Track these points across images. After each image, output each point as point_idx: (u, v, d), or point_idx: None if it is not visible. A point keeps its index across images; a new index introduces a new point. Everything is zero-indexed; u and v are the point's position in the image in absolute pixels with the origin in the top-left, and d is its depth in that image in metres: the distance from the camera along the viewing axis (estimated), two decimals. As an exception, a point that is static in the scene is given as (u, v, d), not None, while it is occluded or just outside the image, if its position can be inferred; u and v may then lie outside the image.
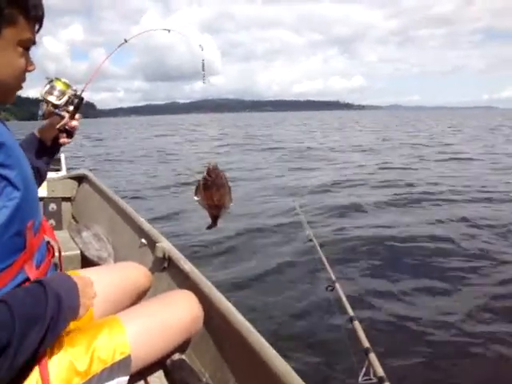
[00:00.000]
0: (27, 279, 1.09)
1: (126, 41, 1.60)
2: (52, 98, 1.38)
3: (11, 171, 1.03)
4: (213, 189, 1.29)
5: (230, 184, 1.32)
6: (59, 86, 1.39)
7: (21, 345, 0.93)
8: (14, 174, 1.04)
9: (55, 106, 1.38)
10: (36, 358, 1.07)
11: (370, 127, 42.51)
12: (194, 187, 1.32)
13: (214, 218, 1.35)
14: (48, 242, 1.32)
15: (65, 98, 1.39)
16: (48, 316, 0.98)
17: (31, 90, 1.58)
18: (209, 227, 1.37)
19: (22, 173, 1.08)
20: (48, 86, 1.39)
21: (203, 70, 1.53)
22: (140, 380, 1.43)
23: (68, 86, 1.42)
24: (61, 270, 1.40)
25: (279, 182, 10.26)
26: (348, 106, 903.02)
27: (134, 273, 1.78)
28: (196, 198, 1.32)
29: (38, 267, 1.16)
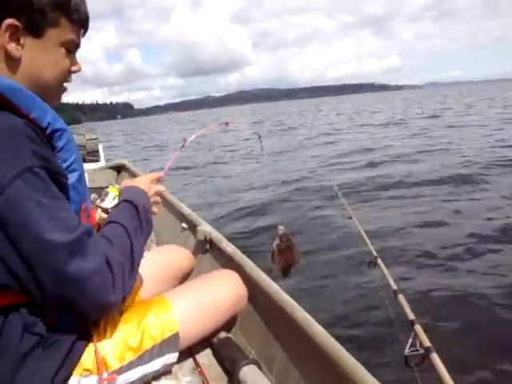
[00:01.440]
0: None
1: (185, 140, 1.68)
2: (104, 204, 1.41)
3: (71, 155, 1.12)
4: (287, 252, 1.50)
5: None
6: (112, 192, 1.43)
7: (138, 250, 1.15)
8: (74, 157, 1.13)
9: (106, 211, 1.40)
10: (92, 334, 1.14)
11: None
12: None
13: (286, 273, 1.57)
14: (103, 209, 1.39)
15: (116, 200, 1.41)
16: (143, 223, 1.22)
17: (71, 95, 1.58)
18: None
19: (78, 156, 1.16)
20: (100, 198, 1.43)
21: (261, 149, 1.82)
22: (188, 357, 1.47)
23: (119, 189, 1.44)
24: None
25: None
26: (384, 88, 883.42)
27: (177, 255, 1.83)
28: (272, 262, 1.53)
29: None
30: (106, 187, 1.44)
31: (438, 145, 11.41)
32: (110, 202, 1.40)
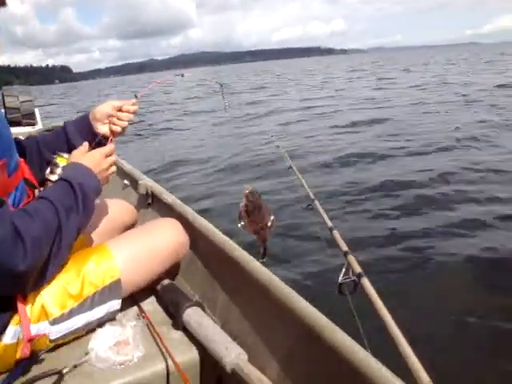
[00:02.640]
0: None
1: (136, 96, 1.53)
2: (53, 177, 1.33)
3: None
4: (255, 213, 1.30)
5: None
6: (62, 162, 1.35)
7: (67, 230, 1.12)
8: None
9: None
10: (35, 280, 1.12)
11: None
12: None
13: (264, 241, 1.34)
14: (28, 184, 1.33)
15: None
16: (80, 204, 1.17)
17: (1, 56, 1.48)
18: (263, 255, 1.34)
19: None
20: (49, 169, 1.35)
21: (224, 100, 1.65)
22: (133, 305, 1.48)
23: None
24: None
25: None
26: (330, 51, 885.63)
27: (119, 208, 1.82)
28: (240, 224, 1.32)
29: (15, 207, 1.18)
30: (54, 156, 1.37)
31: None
32: (59, 173, 1.33)
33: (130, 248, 1.41)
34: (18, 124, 4.77)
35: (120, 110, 1.46)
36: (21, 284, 1.08)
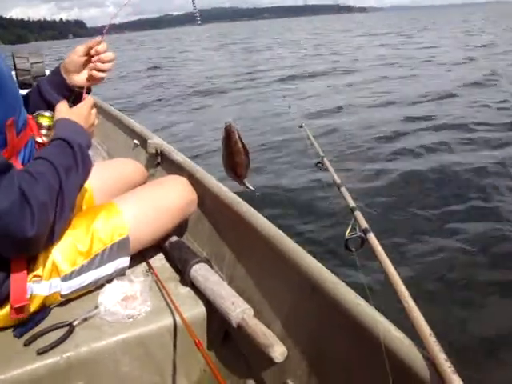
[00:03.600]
0: None
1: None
2: (40, 139, 1.28)
3: None
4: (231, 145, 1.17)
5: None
6: (45, 122, 1.29)
7: (68, 190, 1.12)
8: None
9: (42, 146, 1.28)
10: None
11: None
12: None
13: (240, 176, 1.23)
14: (38, 142, 1.32)
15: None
16: (79, 163, 1.16)
17: (13, 9, 1.37)
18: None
19: None
20: None
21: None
22: (141, 262, 1.50)
23: (53, 118, 1.30)
24: None
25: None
26: (349, 9, 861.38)
27: (129, 168, 1.81)
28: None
29: (24, 165, 1.18)
30: (35, 116, 1.30)
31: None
32: (45, 134, 1.29)
33: (138, 205, 1.41)
34: (28, 86, 4.75)
35: (88, 54, 1.33)
36: (30, 248, 1.09)
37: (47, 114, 1.31)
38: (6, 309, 1.13)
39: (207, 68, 14.27)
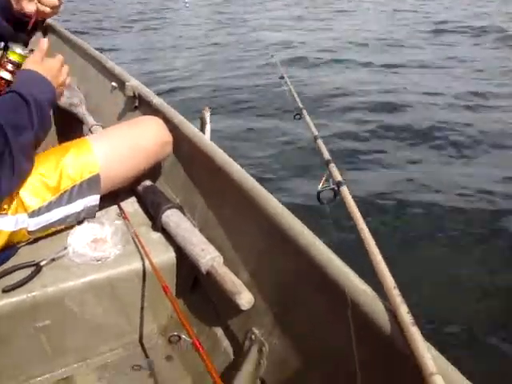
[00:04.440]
0: None
1: None
2: (6, 75, 1.19)
3: None
4: None
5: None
6: (14, 58, 1.20)
7: (18, 147, 1.05)
8: None
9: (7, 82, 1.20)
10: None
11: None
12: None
13: None
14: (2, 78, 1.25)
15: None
16: (35, 121, 1.09)
17: None
18: None
19: None
20: None
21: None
22: (113, 205, 1.48)
23: (24, 57, 1.21)
24: None
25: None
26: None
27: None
28: None
29: None
30: (3, 45, 1.23)
31: None
32: (11, 70, 1.21)
33: (111, 143, 1.37)
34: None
35: None
36: None
37: (18, 50, 1.23)
38: None
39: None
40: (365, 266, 0.83)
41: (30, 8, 1.29)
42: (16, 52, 1.22)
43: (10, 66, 1.21)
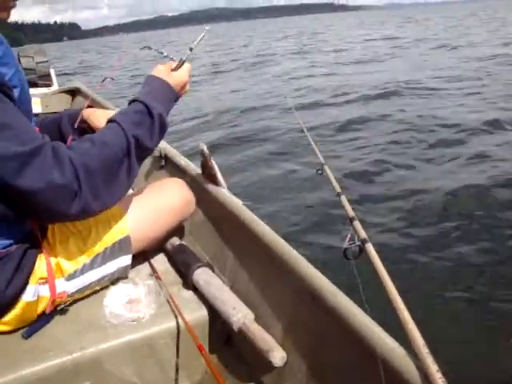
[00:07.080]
0: None
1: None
2: None
3: (9, 69, 1.08)
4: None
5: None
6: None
7: (136, 154, 1.16)
8: (12, 72, 1.09)
9: None
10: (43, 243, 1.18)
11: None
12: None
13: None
14: None
15: None
16: (154, 133, 1.21)
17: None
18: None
19: (18, 73, 1.13)
20: None
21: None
22: (145, 265, 1.53)
23: None
24: None
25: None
26: (343, 8, 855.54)
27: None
28: None
29: None
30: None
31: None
32: None
33: (137, 206, 1.43)
34: (33, 85, 4.79)
35: None
36: (82, 217, 1.15)
37: None
38: (16, 311, 1.17)
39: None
40: (393, 323, 0.86)
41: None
42: None
43: None
